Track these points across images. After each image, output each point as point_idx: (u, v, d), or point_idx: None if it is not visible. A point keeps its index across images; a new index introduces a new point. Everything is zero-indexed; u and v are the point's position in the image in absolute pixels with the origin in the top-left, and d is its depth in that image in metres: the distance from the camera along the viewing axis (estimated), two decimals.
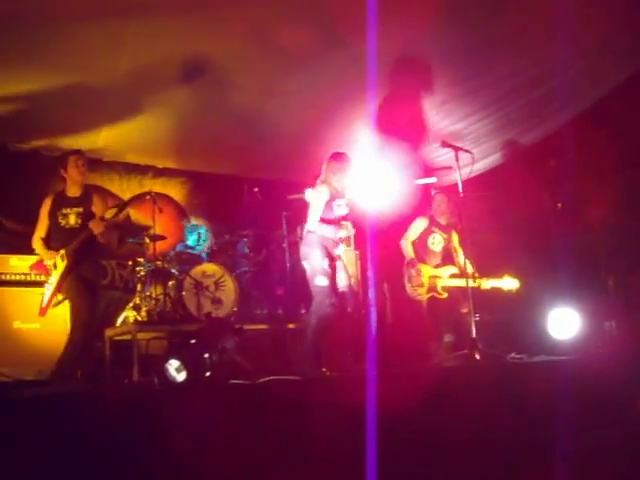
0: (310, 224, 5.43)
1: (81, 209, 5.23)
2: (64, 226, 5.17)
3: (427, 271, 6.15)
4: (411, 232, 6.38)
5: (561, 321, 5.84)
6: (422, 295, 6.10)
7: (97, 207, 5.30)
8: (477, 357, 4.99)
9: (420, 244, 6.32)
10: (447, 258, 6.33)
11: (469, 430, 3.64)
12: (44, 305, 5.05)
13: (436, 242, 6.31)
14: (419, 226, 6.36)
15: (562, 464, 3.52)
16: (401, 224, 6.71)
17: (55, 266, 5.04)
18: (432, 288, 6.09)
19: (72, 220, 5.17)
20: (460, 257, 6.25)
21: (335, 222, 5.39)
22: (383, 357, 5.96)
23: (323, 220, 5.39)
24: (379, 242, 6.26)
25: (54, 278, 5.03)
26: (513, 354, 5.29)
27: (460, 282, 5.92)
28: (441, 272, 6.14)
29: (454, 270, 6.14)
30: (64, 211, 5.20)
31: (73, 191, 5.29)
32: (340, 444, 3.20)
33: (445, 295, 5.97)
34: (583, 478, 3.49)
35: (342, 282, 5.52)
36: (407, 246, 6.31)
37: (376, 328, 6.26)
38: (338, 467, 3.17)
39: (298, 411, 3.29)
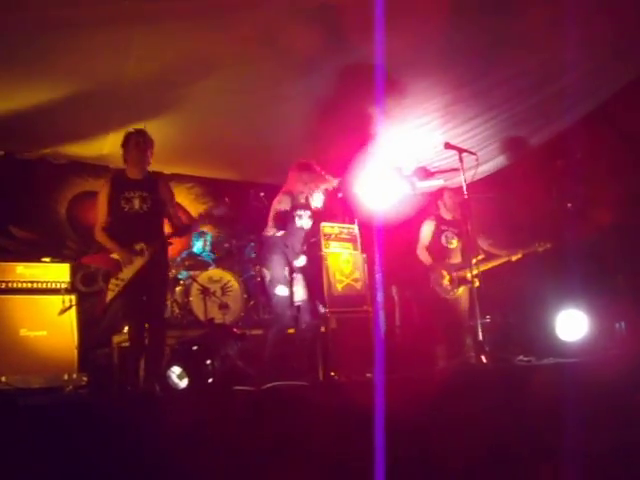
0: (268, 230, 5.42)
1: (145, 193, 4.78)
2: (127, 211, 4.71)
3: (449, 269, 6.10)
4: (422, 238, 6.34)
5: (570, 323, 5.80)
6: (455, 292, 6.04)
7: (165, 194, 4.94)
8: (484, 360, 4.95)
9: (435, 246, 6.27)
10: (463, 250, 6.28)
11: (477, 433, 3.62)
12: (107, 301, 4.61)
13: (449, 239, 6.26)
14: (427, 230, 6.32)
15: (571, 466, 3.49)
16: (409, 227, 6.69)
17: (130, 261, 4.65)
18: (462, 280, 6.01)
19: (136, 204, 4.72)
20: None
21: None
22: (391, 360, 5.96)
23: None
24: (387, 245, 6.24)
25: (126, 273, 4.63)
26: (521, 357, 5.26)
27: (493, 262, 5.96)
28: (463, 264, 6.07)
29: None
30: (127, 195, 4.74)
31: (135, 173, 4.85)
32: (347, 449, 3.18)
33: (477, 284, 5.77)
34: None
35: (299, 296, 5.44)
36: (423, 253, 6.27)
37: (384, 331, 6.23)
38: (345, 472, 3.15)
39: (304, 416, 3.27)
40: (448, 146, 5.55)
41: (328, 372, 6.49)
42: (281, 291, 5.25)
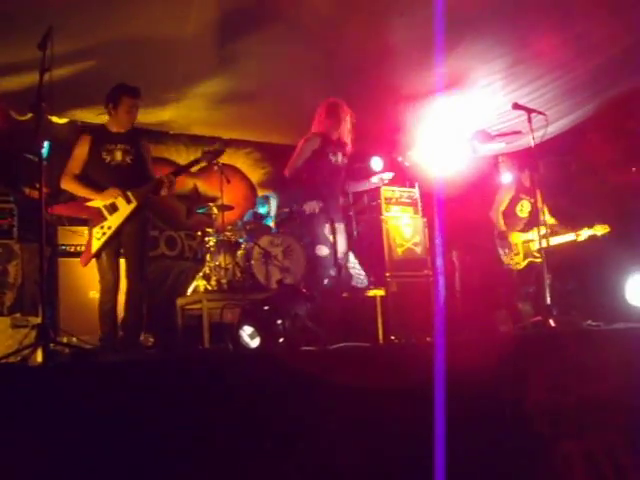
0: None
1: (128, 146, 4.75)
2: (109, 162, 4.68)
3: (519, 239, 6.06)
4: (499, 202, 6.31)
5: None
6: (520, 263, 6.02)
7: (146, 151, 4.93)
8: (552, 324, 4.86)
9: (508, 212, 6.25)
10: (532, 221, 6.20)
11: (546, 397, 3.55)
12: (93, 252, 4.61)
13: (524, 208, 6.23)
14: (507, 196, 6.29)
15: None
16: (469, 191, 6.59)
17: (114, 207, 4.60)
18: (528, 254, 5.97)
19: (118, 156, 4.69)
20: (546, 215, 6.12)
21: None
22: (451, 325, 5.91)
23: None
24: (447, 209, 6.16)
25: (113, 221, 4.59)
26: (589, 321, 5.15)
27: (559, 239, 5.89)
28: (532, 235, 6.00)
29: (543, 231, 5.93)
30: (108, 147, 4.70)
31: (117, 128, 4.82)
32: (406, 411, 3.17)
33: (540, 260, 5.69)
34: None
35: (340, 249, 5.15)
36: (498, 217, 6.27)
37: (444, 296, 6.19)
38: (407, 434, 3.14)
39: (368, 377, 3.26)
40: (516, 106, 5.37)
41: (388, 335, 6.51)
42: (320, 251, 4.89)
